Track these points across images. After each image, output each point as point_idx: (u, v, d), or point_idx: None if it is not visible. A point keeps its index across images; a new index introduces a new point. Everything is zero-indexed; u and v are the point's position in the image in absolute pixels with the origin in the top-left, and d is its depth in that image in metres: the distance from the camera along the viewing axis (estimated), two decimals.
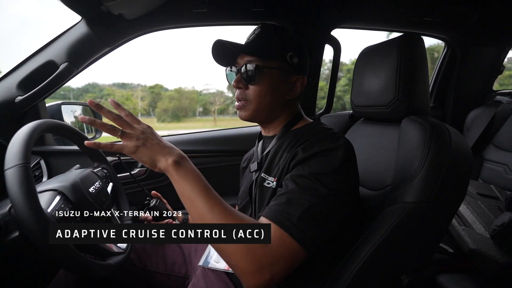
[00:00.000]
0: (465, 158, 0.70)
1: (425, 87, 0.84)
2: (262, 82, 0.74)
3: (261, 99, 0.75)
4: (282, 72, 0.76)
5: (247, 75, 0.74)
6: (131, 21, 1.04)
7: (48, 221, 0.56)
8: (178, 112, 22.91)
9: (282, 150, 0.74)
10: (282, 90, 0.77)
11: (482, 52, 1.69)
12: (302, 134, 0.73)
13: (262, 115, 0.78)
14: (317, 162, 0.62)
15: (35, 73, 1.01)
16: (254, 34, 0.77)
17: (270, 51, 0.74)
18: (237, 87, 0.76)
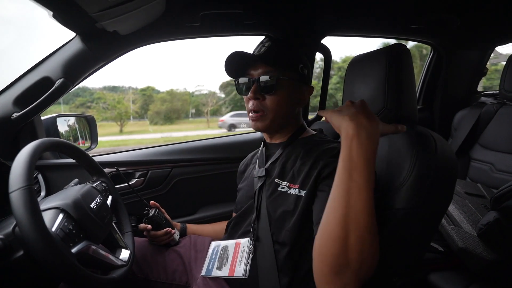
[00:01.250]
0: (450, 163, 0.74)
1: (413, 96, 0.88)
2: (280, 93, 0.78)
3: (279, 109, 0.79)
4: (296, 83, 0.80)
5: (266, 85, 0.77)
6: (125, 36, 1.06)
7: (54, 241, 0.58)
8: (171, 114, 22.72)
9: (294, 157, 0.78)
10: (295, 100, 0.82)
11: (466, 55, 1.76)
12: (312, 145, 0.78)
13: (278, 124, 0.82)
14: None
15: (31, 89, 1.02)
16: (265, 47, 0.80)
17: (287, 62, 0.79)
18: (254, 98, 0.78)
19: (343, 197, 0.54)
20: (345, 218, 0.53)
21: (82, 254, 0.67)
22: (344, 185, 0.54)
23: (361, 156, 0.54)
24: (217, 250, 0.91)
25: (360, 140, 0.55)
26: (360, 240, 0.52)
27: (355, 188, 0.53)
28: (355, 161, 0.55)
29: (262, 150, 0.91)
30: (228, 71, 0.82)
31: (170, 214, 1.11)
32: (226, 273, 0.83)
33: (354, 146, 0.55)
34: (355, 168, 0.54)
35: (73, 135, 1.44)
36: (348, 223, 0.52)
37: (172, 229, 1.04)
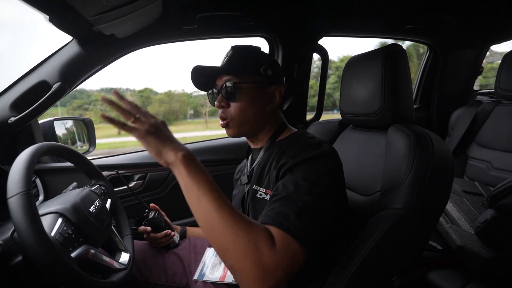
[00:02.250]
0: (447, 163, 0.74)
1: (409, 96, 0.89)
2: (242, 98, 0.78)
3: (242, 114, 0.78)
4: (258, 85, 0.80)
5: (227, 93, 0.77)
6: (122, 39, 1.05)
7: (53, 246, 0.58)
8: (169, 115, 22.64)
9: (271, 160, 0.77)
10: (262, 102, 0.80)
11: (462, 54, 1.77)
12: (288, 145, 0.76)
13: (247, 129, 0.81)
14: (304, 168, 0.65)
15: (28, 93, 1.02)
16: (228, 57, 0.81)
17: (244, 68, 0.79)
18: (220, 106, 0.79)
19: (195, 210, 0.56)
20: (208, 230, 0.55)
21: (82, 258, 0.67)
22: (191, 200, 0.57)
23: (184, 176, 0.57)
24: (211, 256, 0.92)
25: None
26: (229, 243, 0.52)
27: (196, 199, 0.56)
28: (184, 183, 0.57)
29: (248, 157, 0.91)
30: (197, 85, 0.83)
31: (170, 217, 1.11)
32: (218, 278, 0.83)
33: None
34: (186, 187, 0.57)
35: (71, 138, 1.43)
36: (210, 233, 0.55)
37: (171, 231, 1.04)
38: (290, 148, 0.73)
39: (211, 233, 0.54)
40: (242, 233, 0.52)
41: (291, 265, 0.53)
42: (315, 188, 0.61)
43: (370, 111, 0.90)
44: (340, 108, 1.05)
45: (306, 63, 1.43)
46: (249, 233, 0.52)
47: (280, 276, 0.52)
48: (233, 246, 0.52)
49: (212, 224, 0.53)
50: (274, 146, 0.81)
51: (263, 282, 0.50)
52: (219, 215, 0.53)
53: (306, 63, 1.43)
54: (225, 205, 0.54)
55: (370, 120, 0.92)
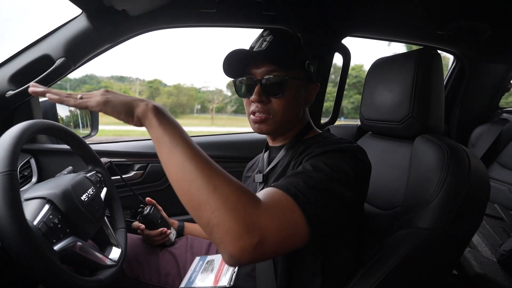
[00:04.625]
0: (483, 183, 0.67)
1: (440, 105, 0.82)
2: (288, 94, 0.70)
3: (286, 112, 0.71)
4: (304, 82, 0.73)
5: (272, 87, 0.69)
6: (135, 17, 0.99)
7: (33, 236, 0.51)
8: (176, 108, 22.81)
9: (295, 158, 0.70)
10: (302, 100, 0.75)
11: (490, 68, 1.69)
12: (313, 143, 0.70)
13: (284, 128, 0.75)
14: (330, 156, 0.59)
15: (29, 67, 0.95)
16: (267, 42, 0.71)
17: (294, 60, 0.71)
18: (259, 101, 0.70)
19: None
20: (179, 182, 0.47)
21: (67, 251, 0.60)
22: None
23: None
24: (201, 264, 0.87)
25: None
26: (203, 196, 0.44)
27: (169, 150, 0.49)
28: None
29: (264, 154, 0.85)
30: (227, 70, 0.73)
31: (168, 212, 1.06)
32: (210, 283, 0.78)
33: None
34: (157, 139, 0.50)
35: (74, 121, 1.38)
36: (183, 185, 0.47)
37: (168, 229, 0.99)
38: (315, 144, 0.68)
39: (184, 186, 0.46)
40: (221, 184, 0.44)
41: (285, 228, 0.46)
42: (336, 173, 0.55)
43: (396, 118, 0.83)
44: (361, 112, 0.98)
45: (327, 63, 1.36)
46: (230, 185, 0.45)
47: (268, 236, 0.43)
48: (209, 198, 0.43)
49: (185, 175, 0.46)
50: (298, 145, 0.75)
51: (244, 237, 0.42)
52: (194, 165, 0.46)
53: (326, 62, 1.36)
54: (200, 155, 0.47)
55: (395, 128, 0.85)
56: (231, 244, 0.42)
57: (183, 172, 0.46)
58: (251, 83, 0.71)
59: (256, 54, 0.69)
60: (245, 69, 0.72)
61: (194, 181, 0.45)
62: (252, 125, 0.75)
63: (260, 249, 0.43)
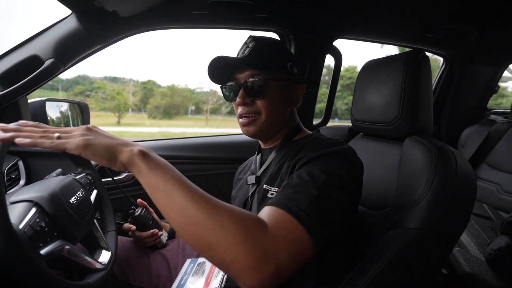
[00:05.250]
0: (470, 183, 0.68)
1: (429, 107, 0.83)
2: (270, 95, 0.72)
3: (270, 112, 0.73)
4: (286, 83, 0.75)
5: (253, 89, 0.71)
6: (125, 18, 0.98)
7: (18, 239, 0.50)
8: (170, 109, 22.64)
9: (284, 160, 0.72)
10: (288, 101, 0.76)
11: (479, 70, 1.72)
12: (304, 144, 0.71)
13: (271, 128, 0.76)
14: (322, 161, 0.60)
15: (17, 67, 0.94)
16: (250, 48, 0.73)
17: (273, 62, 0.73)
18: (243, 103, 0.72)
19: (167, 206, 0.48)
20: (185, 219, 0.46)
21: (55, 255, 0.59)
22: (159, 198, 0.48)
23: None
24: (192, 267, 0.86)
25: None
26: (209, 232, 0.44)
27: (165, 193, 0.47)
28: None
29: (257, 156, 0.86)
30: (212, 77, 0.75)
31: (159, 214, 1.04)
32: (201, 285, 0.77)
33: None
34: (150, 186, 0.48)
35: (65, 122, 1.36)
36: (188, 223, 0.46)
37: (159, 231, 0.98)
38: (306, 147, 0.69)
39: (189, 230, 0.45)
40: (227, 220, 0.44)
41: (294, 251, 0.47)
42: (332, 179, 0.55)
43: (386, 120, 0.83)
44: (352, 114, 0.99)
45: (319, 64, 1.37)
46: (235, 218, 0.45)
47: (282, 259, 0.44)
48: (219, 237, 0.43)
49: (189, 219, 0.45)
50: (288, 146, 0.76)
51: (262, 268, 0.43)
52: (196, 207, 0.45)
53: (318, 64, 1.37)
54: (199, 194, 0.46)
55: (385, 129, 0.85)
56: (250, 278, 0.43)
57: (186, 217, 0.45)
58: (236, 88, 0.73)
59: (237, 60, 0.72)
60: (231, 76, 0.74)
61: (199, 224, 0.44)
62: (242, 128, 0.76)
63: (277, 276, 0.44)
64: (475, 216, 1.25)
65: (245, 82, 0.71)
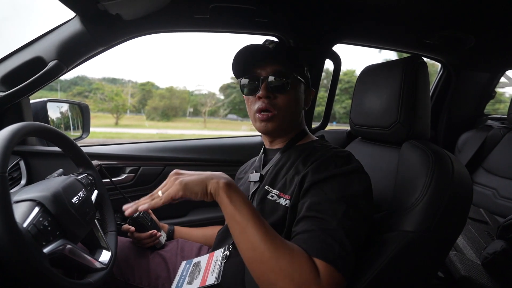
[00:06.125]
0: (466, 188, 0.69)
1: (427, 112, 0.84)
2: (292, 92, 0.75)
3: (290, 109, 0.75)
4: (304, 84, 0.79)
5: (278, 84, 0.73)
6: (128, 22, 0.99)
7: (23, 238, 0.50)
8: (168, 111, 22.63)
9: (289, 164, 0.74)
10: (302, 101, 0.80)
11: (476, 76, 1.74)
12: (310, 151, 0.73)
13: (287, 125, 0.78)
14: (337, 184, 0.62)
15: (20, 68, 0.95)
16: (274, 43, 0.76)
17: (297, 63, 0.77)
18: (266, 96, 0.74)
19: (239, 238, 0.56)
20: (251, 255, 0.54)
21: (57, 254, 0.60)
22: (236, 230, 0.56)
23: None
24: (188, 268, 0.87)
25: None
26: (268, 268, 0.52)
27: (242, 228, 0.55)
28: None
29: (261, 155, 0.87)
30: (236, 68, 0.78)
31: (158, 215, 1.05)
32: (197, 285, 0.77)
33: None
34: (230, 216, 0.56)
35: (65, 123, 1.36)
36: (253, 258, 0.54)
37: (158, 232, 0.98)
38: (313, 155, 0.70)
39: (254, 265, 0.53)
40: (286, 264, 0.50)
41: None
42: (351, 210, 0.59)
43: (384, 124, 0.85)
44: (350, 118, 1.00)
45: (318, 69, 1.39)
46: (294, 263, 0.51)
47: None
48: (277, 279, 0.50)
49: (256, 255, 0.52)
50: (293, 149, 0.78)
51: None
52: (264, 245, 0.52)
53: (317, 68, 1.38)
54: (269, 233, 0.53)
55: (383, 133, 0.87)
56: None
57: (254, 252, 0.52)
58: (257, 81, 0.75)
59: (268, 51, 0.74)
60: (251, 70, 0.76)
61: (263, 262, 0.51)
62: (258, 124, 0.77)
63: None
64: (472, 220, 1.26)
65: (268, 76, 0.73)
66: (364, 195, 0.63)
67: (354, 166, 0.65)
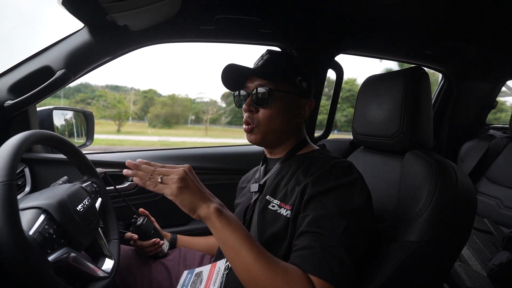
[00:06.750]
0: (470, 197, 0.69)
1: (429, 122, 0.85)
2: (274, 105, 0.75)
3: (270, 122, 0.75)
4: (292, 96, 0.77)
5: (258, 98, 0.75)
6: (135, 32, 1.02)
7: (29, 246, 0.51)
8: (170, 118, 22.77)
9: (290, 174, 0.74)
10: (292, 113, 0.78)
11: (477, 86, 1.75)
12: (310, 161, 0.73)
13: (272, 138, 0.79)
14: (337, 197, 0.63)
15: (29, 77, 0.96)
16: (263, 60, 0.78)
17: (282, 75, 0.76)
18: (248, 110, 0.76)
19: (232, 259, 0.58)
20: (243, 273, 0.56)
21: (60, 262, 0.60)
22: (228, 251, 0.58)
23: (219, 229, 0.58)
24: (189, 277, 0.86)
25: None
26: None
27: (234, 251, 0.57)
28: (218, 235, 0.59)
29: (261, 166, 0.88)
30: (225, 84, 0.81)
31: (161, 223, 1.05)
32: None
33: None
34: (222, 240, 0.58)
35: (69, 130, 1.38)
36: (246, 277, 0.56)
37: (160, 240, 0.98)
38: (314, 165, 0.70)
39: (251, 285, 0.55)
40: (281, 282, 0.53)
41: None
42: (352, 226, 0.59)
43: (386, 134, 0.85)
44: (353, 127, 1.00)
45: (320, 79, 1.40)
46: (288, 282, 0.53)
47: None
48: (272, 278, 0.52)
49: (251, 276, 0.54)
50: (293, 159, 0.78)
51: None
52: (257, 266, 0.54)
53: (320, 78, 1.40)
54: (262, 254, 0.55)
55: (385, 143, 0.87)
56: None
57: (248, 273, 0.54)
58: (245, 95, 0.78)
59: (246, 70, 0.75)
60: (243, 84, 0.79)
61: (258, 283, 0.53)
62: (246, 135, 0.80)
63: None
64: (476, 231, 1.25)
65: (253, 90, 0.75)
66: (364, 207, 0.63)
67: (354, 177, 0.66)
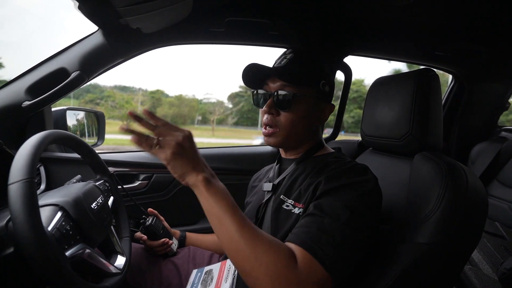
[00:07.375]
0: (481, 200, 0.68)
1: (439, 124, 0.84)
2: (296, 109, 0.73)
3: (293, 126, 0.74)
4: (315, 100, 0.76)
5: (280, 101, 0.73)
6: (148, 35, 1.04)
7: (48, 242, 0.53)
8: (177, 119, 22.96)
9: (305, 174, 0.73)
10: (313, 117, 0.77)
11: (489, 88, 1.72)
12: (326, 162, 0.73)
13: (291, 142, 0.78)
14: (346, 193, 0.62)
15: (45, 79, 1.00)
16: (287, 59, 0.75)
17: (307, 79, 0.74)
18: (269, 112, 0.74)
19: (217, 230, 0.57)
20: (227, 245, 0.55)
21: (76, 258, 0.62)
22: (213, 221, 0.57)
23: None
24: (199, 276, 0.87)
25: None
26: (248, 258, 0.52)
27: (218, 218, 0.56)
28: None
29: (276, 165, 0.87)
30: (246, 82, 0.78)
31: (170, 222, 1.06)
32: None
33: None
34: (207, 208, 0.57)
35: (80, 130, 1.41)
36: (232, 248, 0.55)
37: (169, 240, 0.99)
38: (329, 166, 0.70)
39: (232, 255, 0.54)
40: (262, 253, 0.51)
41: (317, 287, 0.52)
42: (354, 218, 0.58)
43: (396, 136, 0.85)
44: (362, 129, 1.00)
45: None
46: (269, 252, 0.51)
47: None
48: (253, 267, 0.51)
49: (233, 245, 0.53)
50: (309, 161, 0.78)
51: None
52: (241, 234, 0.53)
53: None
54: (246, 224, 0.54)
55: (395, 144, 0.87)
56: None
57: (231, 243, 0.53)
58: (266, 95, 0.76)
59: (269, 70, 0.73)
60: (263, 83, 0.77)
61: (239, 251, 0.52)
62: (263, 137, 0.78)
63: None
64: (487, 234, 1.24)
65: (276, 92, 0.73)
66: (371, 207, 0.62)
67: (366, 178, 0.65)
